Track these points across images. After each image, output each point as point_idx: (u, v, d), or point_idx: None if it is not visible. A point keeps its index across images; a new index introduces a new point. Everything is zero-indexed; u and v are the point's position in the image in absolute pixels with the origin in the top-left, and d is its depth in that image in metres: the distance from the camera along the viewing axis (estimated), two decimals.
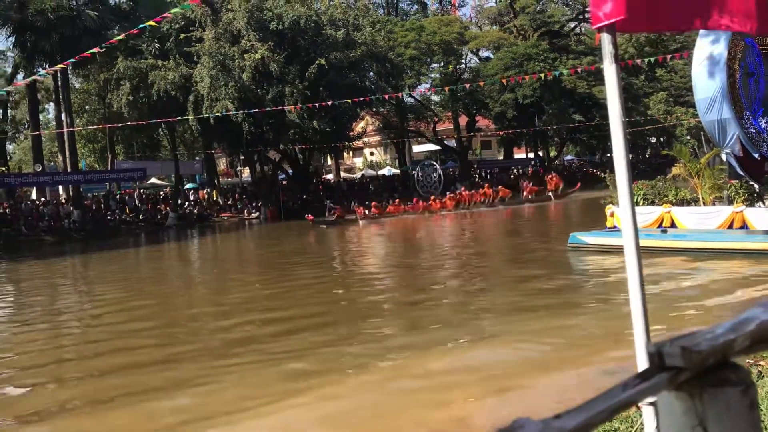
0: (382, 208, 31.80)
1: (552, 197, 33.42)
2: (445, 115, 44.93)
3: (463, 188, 34.59)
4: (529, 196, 33.94)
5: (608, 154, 59.64)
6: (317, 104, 29.39)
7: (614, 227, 13.35)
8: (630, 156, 2.47)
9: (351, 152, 54.61)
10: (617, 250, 10.85)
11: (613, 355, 6.02)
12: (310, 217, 30.51)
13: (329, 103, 28.97)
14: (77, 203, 36.31)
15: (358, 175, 53.63)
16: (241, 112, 30.40)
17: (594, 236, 13.75)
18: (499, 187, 34.86)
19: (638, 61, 31.35)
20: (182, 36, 31.76)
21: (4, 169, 45.54)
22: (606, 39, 2.41)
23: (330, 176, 52.13)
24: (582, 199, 33.38)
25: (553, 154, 53.82)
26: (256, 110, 29.78)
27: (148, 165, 46.95)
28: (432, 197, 33.12)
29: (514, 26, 46.91)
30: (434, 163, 41.75)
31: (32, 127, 42.10)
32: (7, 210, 36.35)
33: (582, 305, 8.64)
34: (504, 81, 32.20)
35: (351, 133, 40.01)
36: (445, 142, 48.24)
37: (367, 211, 31.12)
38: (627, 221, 2.41)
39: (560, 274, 11.57)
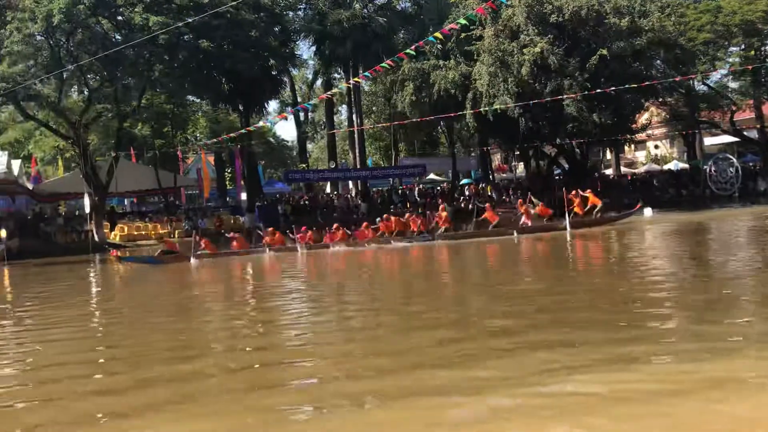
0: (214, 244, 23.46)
1: (567, 226, 22.46)
2: (746, 104, 40.19)
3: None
4: (528, 223, 23.49)
5: None
6: (598, 93, 28.35)
7: None
8: None
9: (633, 146, 51.53)
10: None
11: None
12: (114, 252, 23.56)
13: (611, 90, 27.75)
14: (365, 197, 39.30)
15: (641, 169, 50.52)
16: (518, 105, 30.43)
17: None
18: (487, 205, 25.34)
19: None
20: (463, 35, 32.57)
21: (304, 165, 51.08)
22: None
23: (609, 171, 49.85)
24: None
25: None
26: (534, 101, 29.59)
27: (427, 161, 49.15)
28: (337, 225, 24.63)
29: None
30: (730, 156, 37.70)
31: (328, 127, 46.60)
32: (307, 202, 40.67)
33: None
34: None
35: (634, 126, 37.79)
36: (745, 133, 43.22)
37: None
38: None
39: None
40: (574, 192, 24.81)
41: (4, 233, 29.86)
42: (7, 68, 27.38)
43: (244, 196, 41.04)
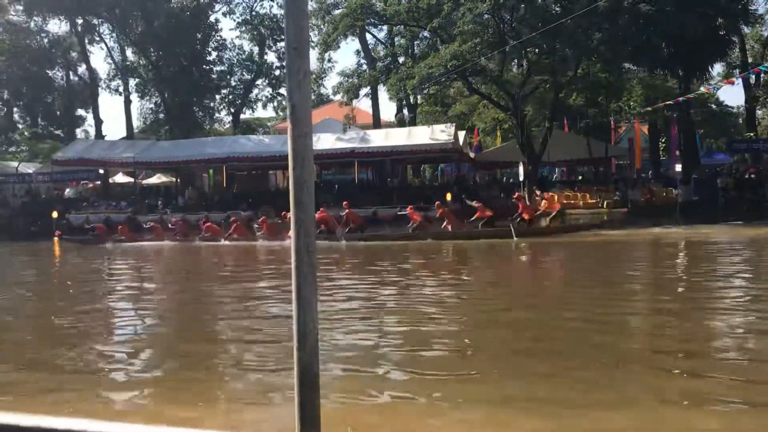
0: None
1: (512, 231, 20.66)
2: None
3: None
4: (449, 228, 22.23)
5: None
6: None
7: None
8: None
9: None
10: None
11: None
12: (59, 232, 25.78)
13: None
14: None
15: None
16: None
17: None
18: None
19: None
20: None
21: (752, 134, 45.59)
22: None
23: None
24: None
25: None
26: None
27: None
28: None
29: None
30: None
31: None
32: (753, 175, 36.42)
33: None
34: None
35: None
36: None
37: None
38: None
39: None
40: (516, 195, 23.07)
41: (449, 196, 33.44)
42: (458, 47, 30.08)
43: (678, 167, 38.46)
